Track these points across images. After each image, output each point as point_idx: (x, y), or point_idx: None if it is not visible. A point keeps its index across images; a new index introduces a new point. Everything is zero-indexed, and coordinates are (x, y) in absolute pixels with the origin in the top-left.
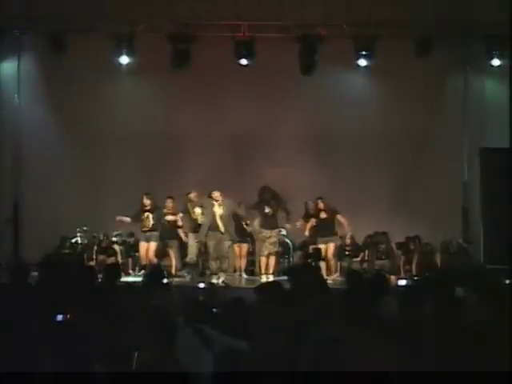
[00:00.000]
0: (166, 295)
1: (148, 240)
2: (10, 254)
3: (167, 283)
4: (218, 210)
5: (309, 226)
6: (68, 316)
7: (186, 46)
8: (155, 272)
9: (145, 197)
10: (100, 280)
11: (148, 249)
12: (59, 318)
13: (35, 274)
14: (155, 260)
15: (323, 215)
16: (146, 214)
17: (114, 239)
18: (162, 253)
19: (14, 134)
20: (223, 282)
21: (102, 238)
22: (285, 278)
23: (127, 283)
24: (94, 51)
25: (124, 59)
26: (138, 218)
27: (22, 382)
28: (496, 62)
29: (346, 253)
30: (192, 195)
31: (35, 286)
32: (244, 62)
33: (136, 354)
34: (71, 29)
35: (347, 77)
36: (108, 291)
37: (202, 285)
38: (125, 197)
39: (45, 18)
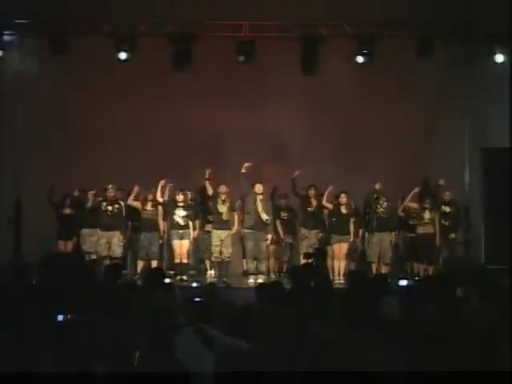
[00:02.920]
0: (167, 295)
1: (182, 238)
2: (10, 254)
3: (170, 283)
4: (260, 206)
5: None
6: (68, 316)
7: (187, 46)
8: (156, 272)
9: (180, 193)
10: (101, 280)
11: (182, 247)
12: (59, 317)
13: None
14: (186, 259)
15: (344, 210)
16: (179, 209)
17: None
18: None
19: (15, 133)
20: (224, 281)
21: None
22: None
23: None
24: (95, 51)
25: (125, 59)
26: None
27: (22, 381)
28: (497, 62)
29: None
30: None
31: (35, 286)
32: (247, 57)
33: (137, 354)
34: (72, 29)
35: (348, 76)
36: (109, 291)
37: (194, 284)
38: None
39: (46, 18)
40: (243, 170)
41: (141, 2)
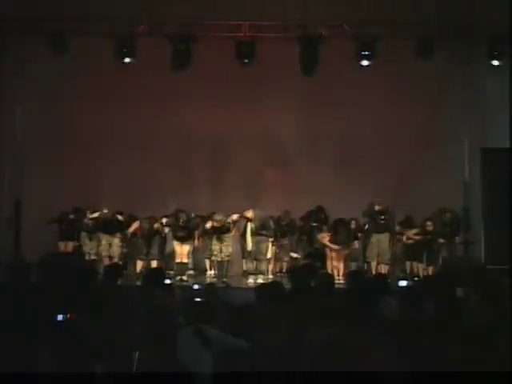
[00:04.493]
0: (167, 295)
1: (182, 242)
2: (10, 254)
3: (170, 283)
4: (253, 227)
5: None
6: (68, 316)
7: (187, 46)
8: (156, 272)
9: (182, 221)
10: (100, 280)
11: (182, 247)
12: (59, 317)
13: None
14: (186, 259)
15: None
16: (180, 230)
17: None
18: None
19: (15, 134)
20: (224, 281)
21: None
22: None
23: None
24: (94, 52)
25: (125, 60)
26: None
27: (21, 381)
28: (497, 62)
29: None
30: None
31: (35, 286)
32: (247, 57)
33: (136, 354)
34: (72, 30)
35: (348, 77)
36: (108, 291)
37: (196, 286)
38: (125, 196)
39: (45, 18)
40: (231, 223)
41: (141, 2)
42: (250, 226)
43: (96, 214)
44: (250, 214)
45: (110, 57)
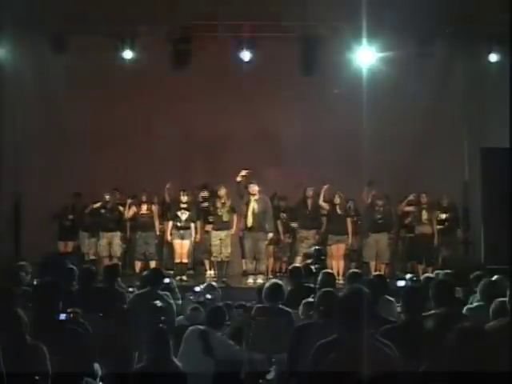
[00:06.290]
0: (168, 296)
1: (183, 238)
2: (10, 254)
3: (169, 283)
4: (255, 207)
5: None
6: (70, 316)
7: (187, 46)
8: (156, 273)
9: (182, 193)
10: (100, 280)
11: (182, 247)
12: (61, 317)
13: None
14: (186, 259)
15: (339, 211)
16: (182, 211)
17: None
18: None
19: (15, 134)
20: (223, 281)
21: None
22: None
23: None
24: (94, 52)
25: (125, 60)
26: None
27: (22, 382)
28: (497, 62)
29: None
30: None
31: (35, 286)
32: (247, 57)
33: (136, 355)
34: (72, 29)
35: (348, 76)
36: (108, 291)
37: (197, 288)
38: (126, 195)
39: (45, 18)
40: (239, 179)
41: (141, 2)
42: (252, 200)
43: (98, 205)
44: (253, 189)
45: (110, 56)
